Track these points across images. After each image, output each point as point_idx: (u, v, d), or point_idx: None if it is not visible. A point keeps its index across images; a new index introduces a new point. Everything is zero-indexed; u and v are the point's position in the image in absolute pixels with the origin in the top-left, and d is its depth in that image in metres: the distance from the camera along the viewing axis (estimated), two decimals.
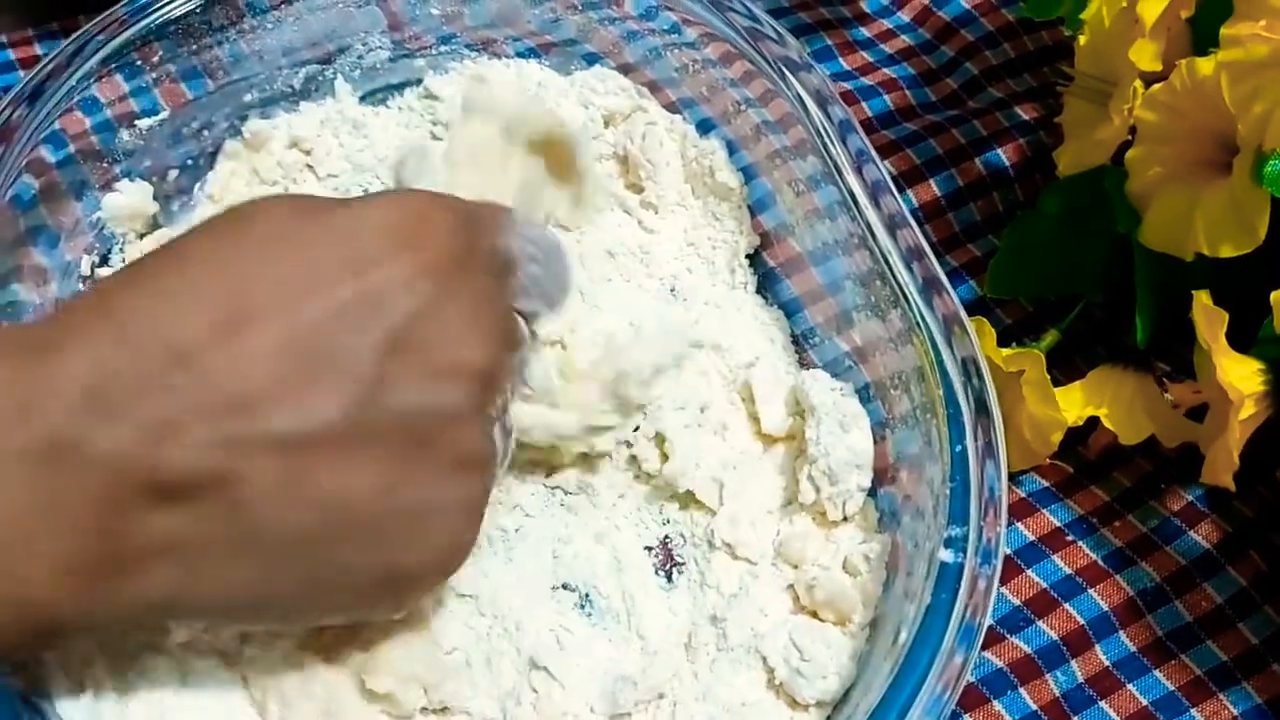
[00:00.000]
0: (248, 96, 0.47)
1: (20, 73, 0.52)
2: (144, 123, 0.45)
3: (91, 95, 0.43)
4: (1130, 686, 0.39)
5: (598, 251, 0.45)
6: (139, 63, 0.44)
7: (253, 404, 0.29)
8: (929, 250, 0.39)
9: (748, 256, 0.46)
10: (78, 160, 0.43)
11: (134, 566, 0.29)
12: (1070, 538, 0.42)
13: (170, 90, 0.46)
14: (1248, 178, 0.37)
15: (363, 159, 0.48)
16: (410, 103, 0.49)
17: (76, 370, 0.28)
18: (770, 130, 0.44)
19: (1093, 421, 0.42)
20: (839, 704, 0.36)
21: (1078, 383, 0.43)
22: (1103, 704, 0.39)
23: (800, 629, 0.37)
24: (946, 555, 0.34)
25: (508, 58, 0.49)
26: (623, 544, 0.40)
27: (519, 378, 0.36)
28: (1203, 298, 0.38)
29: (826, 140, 0.41)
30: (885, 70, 0.56)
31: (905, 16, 0.58)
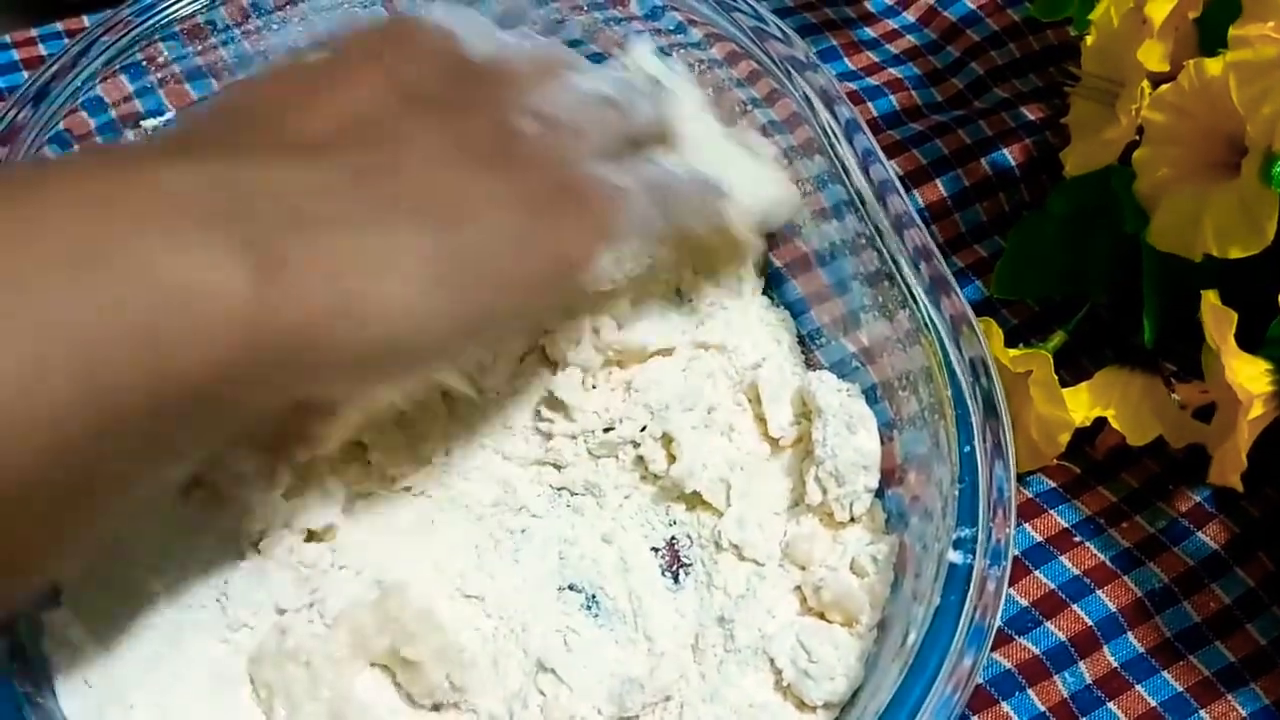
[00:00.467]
0: None
1: (25, 73, 0.52)
2: (149, 123, 0.45)
3: (96, 96, 0.43)
4: (1139, 687, 0.39)
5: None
6: (144, 63, 0.44)
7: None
8: (936, 250, 0.39)
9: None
10: None
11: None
12: (1078, 539, 0.42)
13: (175, 91, 0.46)
14: (1256, 179, 0.37)
15: None
16: None
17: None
18: (776, 130, 0.44)
19: (1100, 422, 0.42)
20: (847, 705, 0.36)
21: (1085, 383, 0.43)
22: (1111, 705, 0.39)
23: (808, 630, 0.37)
24: (955, 556, 0.34)
25: None
26: (629, 545, 0.40)
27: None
28: (1211, 298, 0.38)
29: (833, 140, 0.41)
30: (891, 70, 0.55)
31: (911, 17, 0.58)
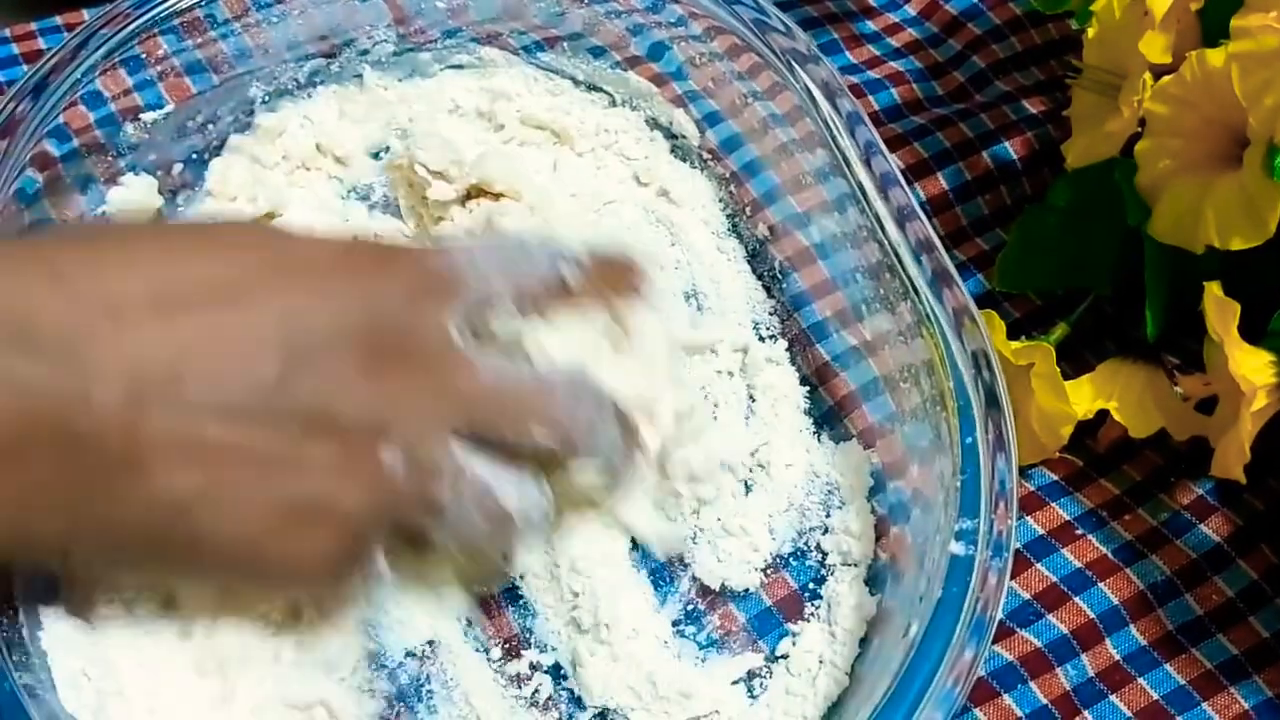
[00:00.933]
0: (252, 90, 0.47)
1: (24, 67, 0.52)
2: (148, 116, 0.45)
3: (96, 89, 0.43)
4: (1141, 680, 0.39)
5: None
6: (143, 56, 0.44)
7: (171, 370, 0.30)
8: (939, 243, 0.39)
9: (754, 261, 0.46)
10: (82, 154, 0.43)
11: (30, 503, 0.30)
12: (1080, 531, 0.42)
13: (175, 84, 0.46)
14: (1259, 170, 0.37)
15: None
16: None
17: (7, 302, 0.29)
18: (778, 123, 0.44)
19: (1102, 415, 0.42)
20: (848, 697, 0.36)
21: (1087, 376, 0.42)
22: (1113, 698, 0.39)
23: None
24: (957, 548, 0.34)
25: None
26: None
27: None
28: (1214, 289, 0.38)
29: (835, 133, 0.41)
30: (892, 64, 0.55)
31: (912, 10, 0.58)
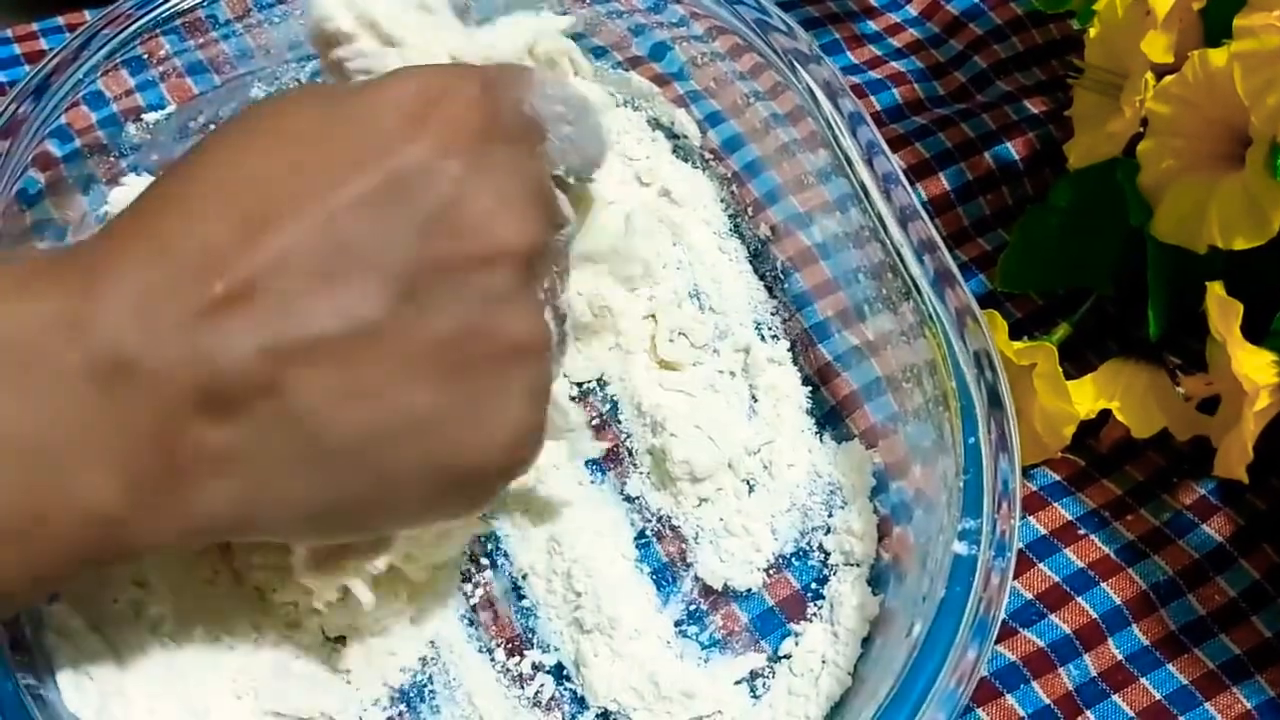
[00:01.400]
0: (254, 91, 0.47)
1: (25, 67, 0.52)
2: (150, 117, 0.45)
3: (97, 89, 0.43)
4: (1143, 680, 0.39)
5: None
6: (145, 57, 0.44)
7: (290, 306, 0.28)
8: (941, 243, 0.39)
9: (755, 261, 0.46)
10: (84, 155, 0.43)
11: (193, 480, 0.28)
12: (1082, 531, 0.42)
13: (176, 85, 0.46)
14: (1261, 169, 0.37)
15: None
16: None
17: (122, 287, 0.28)
18: (779, 123, 0.44)
19: (1104, 415, 0.42)
20: (851, 697, 0.36)
21: (1089, 376, 0.42)
22: (1115, 698, 0.39)
23: None
24: (960, 548, 0.34)
25: None
26: None
27: (565, 257, 0.34)
28: (1217, 289, 0.38)
29: (837, 133, 0.41)
30: (893, 64, 0.55)
31: (913, 10, 0.58)
